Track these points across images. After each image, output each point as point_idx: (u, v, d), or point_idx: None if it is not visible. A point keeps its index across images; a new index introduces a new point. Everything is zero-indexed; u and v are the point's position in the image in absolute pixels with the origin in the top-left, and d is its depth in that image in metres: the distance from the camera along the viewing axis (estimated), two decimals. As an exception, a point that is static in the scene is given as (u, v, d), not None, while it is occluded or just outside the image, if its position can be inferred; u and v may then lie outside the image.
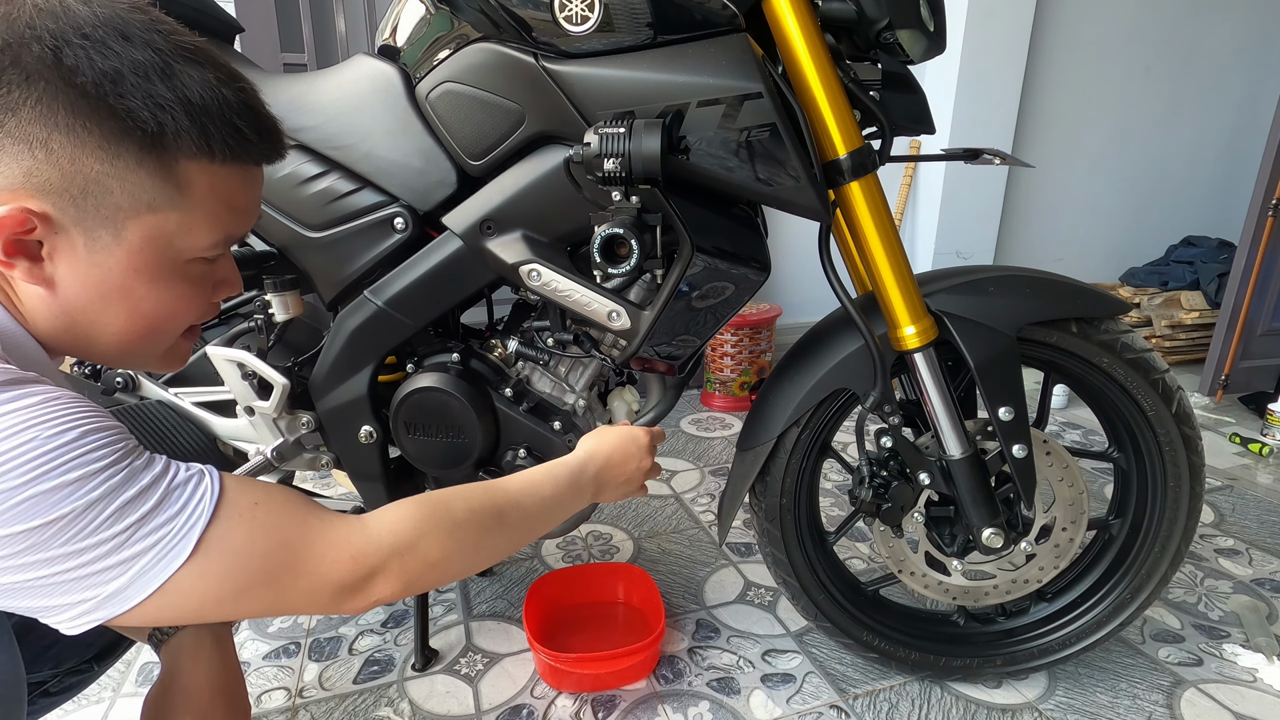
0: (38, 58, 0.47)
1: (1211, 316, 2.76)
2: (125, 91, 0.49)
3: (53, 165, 0.48)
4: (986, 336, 0.98)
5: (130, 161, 0.50)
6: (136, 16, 0.50)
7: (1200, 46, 3.03)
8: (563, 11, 0.84)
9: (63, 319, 0.54)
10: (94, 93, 0.48)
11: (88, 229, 0.51)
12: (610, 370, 1.10)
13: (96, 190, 0.50)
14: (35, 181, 0.48)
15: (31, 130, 0.47)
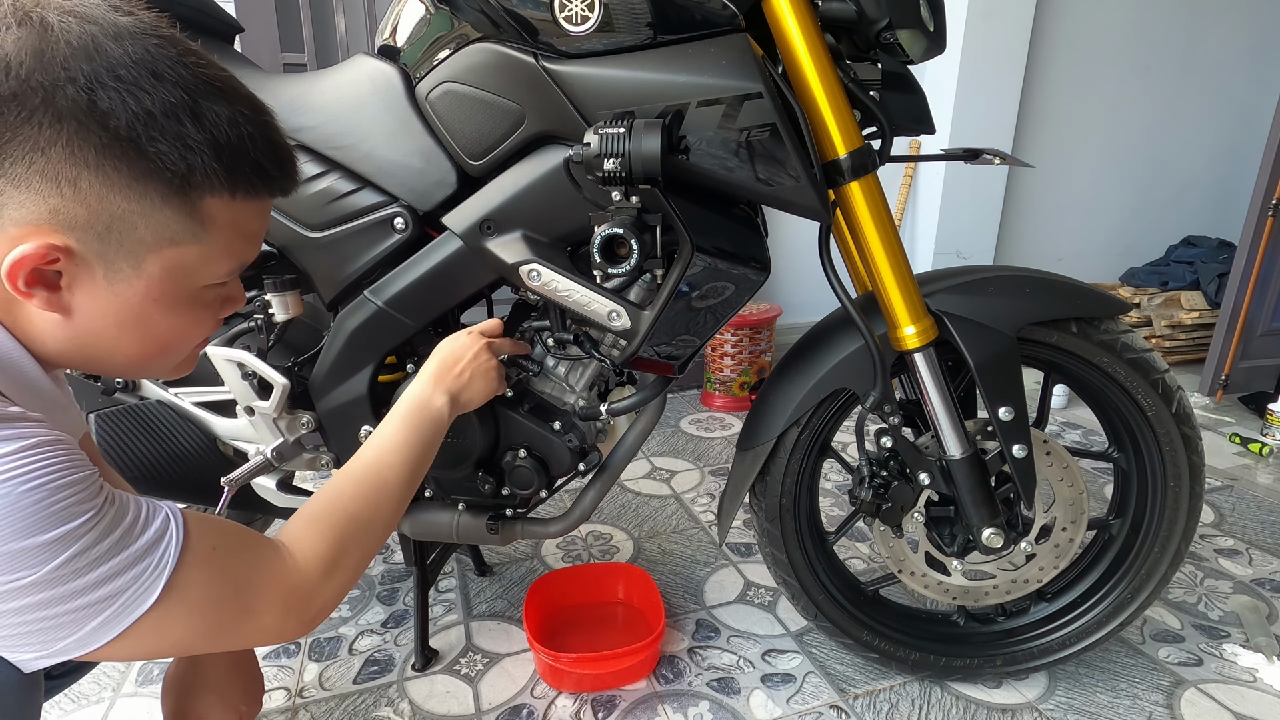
0: (71, 100, 0.47)
1: (1211, 316, 2.76)
2: (156, 134, 0.49)
3: (80, 203, 0.49)
4: (986, 336, 0.98)
5: (156, 200, 0.51)
6: (166, 51, 0.50)
7: (1200, 46, 3.03)
8: (563, 11, 0.84)
9: (75, 342, 0.54)
10: (126, 135, 0.48)
11: (109, 261, 0.51)
12: (610, 370, 1.10)
13: (121, 226, 0.51)
14: (61, 218, 0.49)
15: (61, 169, 0.48)
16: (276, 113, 0.59)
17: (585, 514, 1.14)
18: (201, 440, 1.13)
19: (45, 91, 0.46)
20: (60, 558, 0.46)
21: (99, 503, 0.49)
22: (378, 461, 0.74)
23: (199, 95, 0.51)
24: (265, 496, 1.16)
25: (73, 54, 0.47)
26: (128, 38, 0.49)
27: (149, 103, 0.49)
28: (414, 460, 0.77)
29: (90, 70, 0.47)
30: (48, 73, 0.46)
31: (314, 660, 1.28)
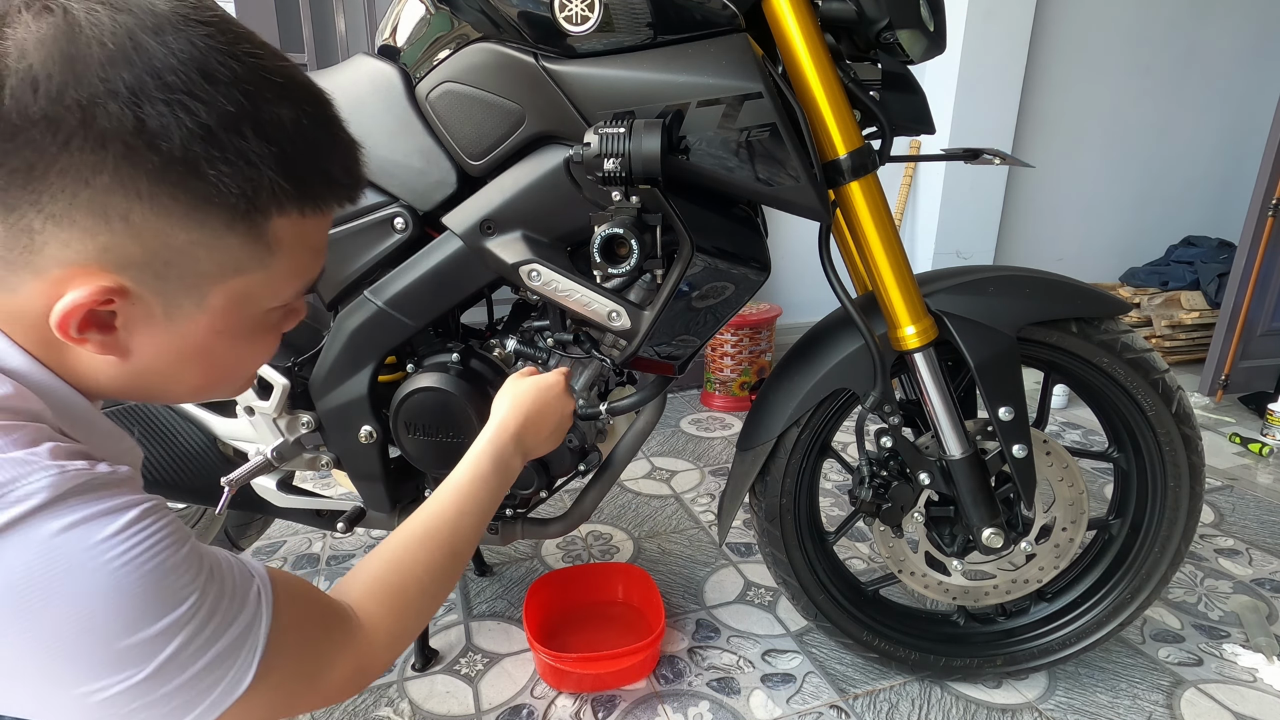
0: (115, 119, 0.39)
1: (1211, 316, 2.76)
2: (215, 153, 0.42)
3: (133, 238, 0.42)
4: (986, 336, 0.98)
5: (219, 228, 0.44)
6: (215, 43, 0.42)
7: (1200, 46, 3.03)
8: (563, 11, 0.84)
9: (132, 379, 0.49)
10: (180, 156, 0.41)
11: (168, 298, 0.45)
12: (610, 370, 1.10)
13: (180, 261, 0.44)
14: (112, 256, 0.42)
15: (108, 201, 0.41)
16: None
17: (585, 514, 1.14)
18: (201, 440, 1.13)
19: (83, 110, 0.39)
20: (167, 650, 0.41)
21: (202, 580, 0.44)
22: (455, 524, 0.68)
23: (259, 97, 0.43)
24: (265, 496, 1.16)
25: (109, 58, 0.39)
26: (170, 29, 0.41)
27: (205, 115, 0.41)
28: (483, 522, 0.71)
29: (133, 79, 0.39)
30: (83, 86, 0.39)
31: (314, 660, 1.28)
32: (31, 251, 0.41)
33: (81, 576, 0.39)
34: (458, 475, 0.72)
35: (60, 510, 0.39)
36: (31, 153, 0.39)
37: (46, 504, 0.38)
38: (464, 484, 0.71)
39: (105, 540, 0.39)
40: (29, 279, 0.42)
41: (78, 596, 0.38)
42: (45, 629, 0.38)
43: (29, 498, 0.38)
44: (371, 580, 0.60)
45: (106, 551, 0.39)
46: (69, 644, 0.38)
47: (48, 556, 0.38)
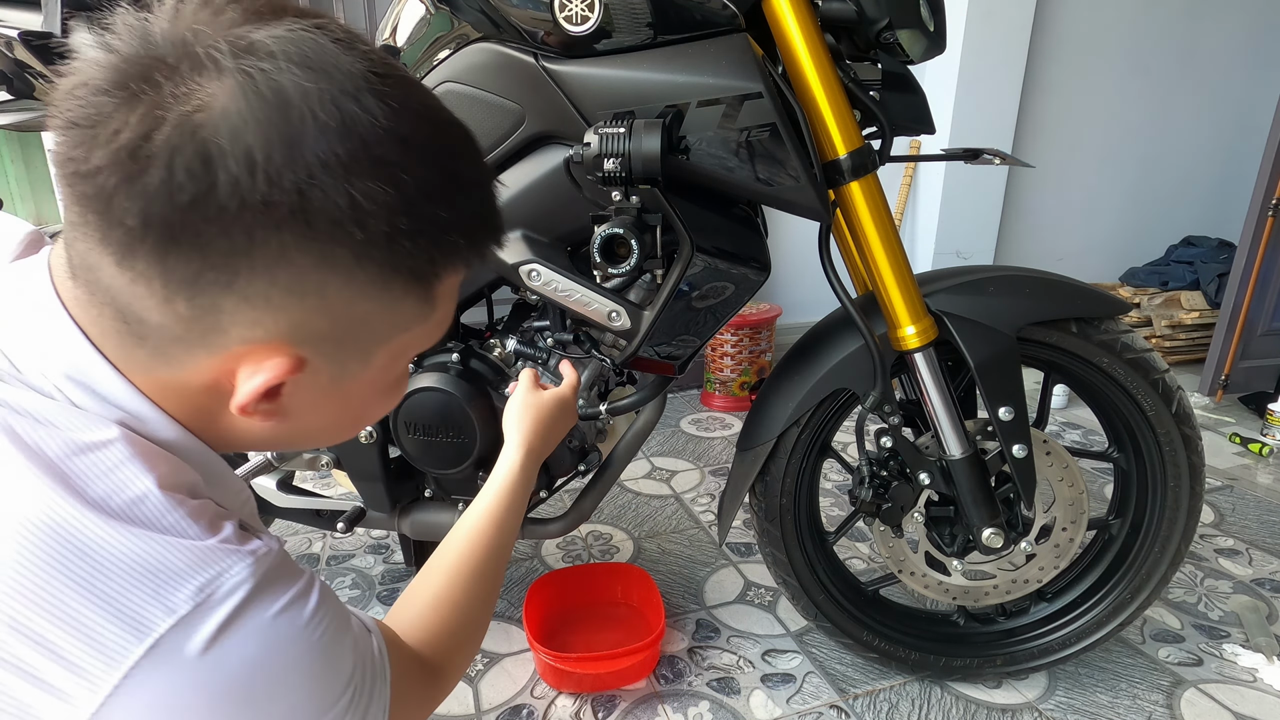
0: (330, 199, 0.37)
1: (1211, 316, 2.76)
2: (415, 225, 0.40)
3: (324, 313, 0.40)
4: (986, 336, 0.98)
5: (399, 293, 0.42)
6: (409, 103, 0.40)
7: (1200, 46, 3.03)
8: (563, 11, 0.84)
9: (278, 438, 0.48)
10: (383, 229, 0.39)
11: (339, 364, 0.44)
12: (610, 370, 1.10)
13: (360, 328, 0.43)
14: (301, 332, 0.40)
15: (307, 278, 0.39)
16: None
17: (585, 514, 1.14)
18: (201, 440, 1.13)
19: (300, 193, 0.36)
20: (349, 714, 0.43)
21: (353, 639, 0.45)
22: (498, 553, 0.69)
23: (447, 158, 0.41)
24: (265, 496, 1.16)
25: (323, 132, 0.36)
26: (368, 92, 0.38)
27: (408, 186, 0.39)
28: (512, 540, 0.72)
29: (346, 155, 0.37)
30: (299, 166, 0.36)
31: (314, 660, 1.28)
32: (215, 331, 0.39)
33: (298, 659, 0.40)
34: (494, 504, 0.72)
35: (266, 598, 0.39)
36: (240, 236, 0.36)
37: (253, 593, 0.39)
38: (500, 512, 0.71)
39: (309, 622, 0.41)
40: (201, 355, 0.40)
41: (297, 678, 0.40)
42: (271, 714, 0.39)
43: (237, 589, 0.38)
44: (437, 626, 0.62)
45: (313, 633, 0.41)
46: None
47: (268, 645, 0.39)
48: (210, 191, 0.35)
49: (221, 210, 0.35)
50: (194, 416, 0.44)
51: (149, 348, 0.40)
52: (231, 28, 0.37)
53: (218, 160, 0.35)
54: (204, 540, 0.38)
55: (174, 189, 0.35)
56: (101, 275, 0.38)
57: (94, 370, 0.40)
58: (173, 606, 0.36)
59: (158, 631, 0.35)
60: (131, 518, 0.37)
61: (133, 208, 0.35)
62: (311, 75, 0.36)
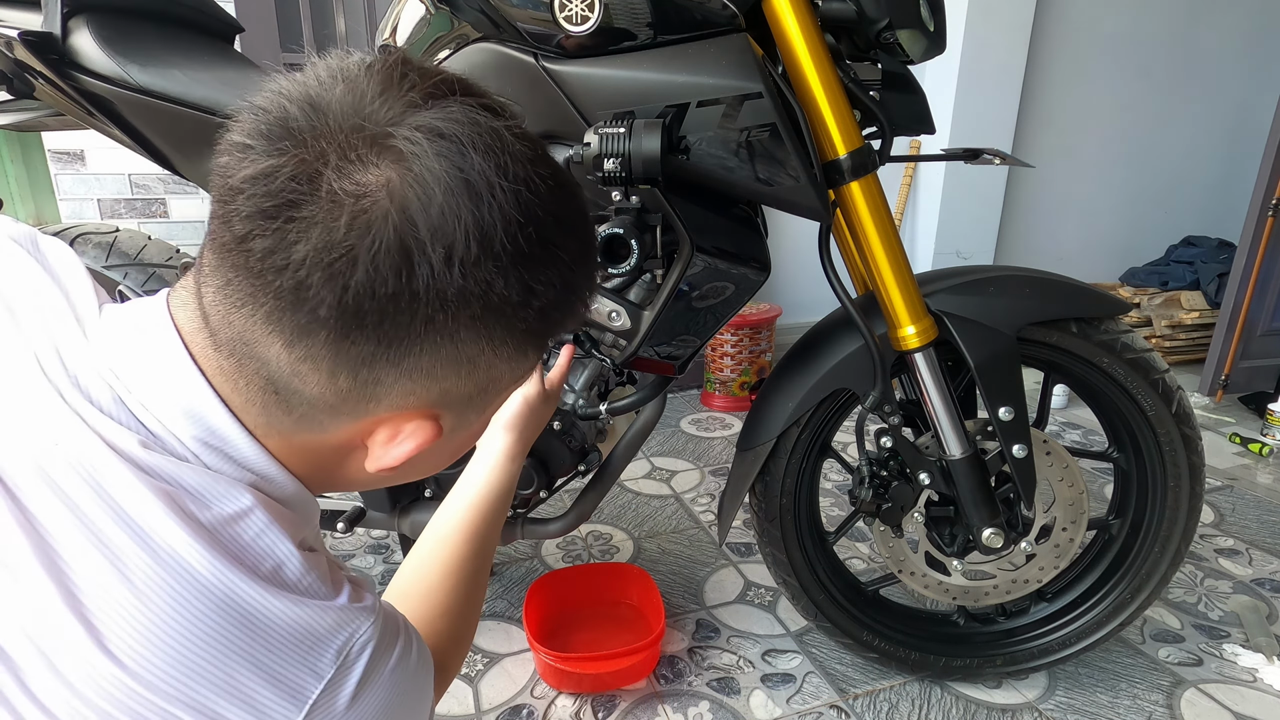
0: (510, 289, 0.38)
1: (1211, 316, 2.76)
2: (563, 298, 0.42)
3: (473, 380, 0.42)
4: (986, 336, 0.98)
5: (530, 353, 0.44)
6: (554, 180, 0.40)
7: (1200, 46, 3.03)
8: (563, 11, 0.84)
9: (384, 479, 0.49)
10: (541, 308, 0.41)
11: (463, 418, 0.45)
12: (610, 370, 1.10)
13: (492, 387, 0.44)
14: (448, 398, 0.42)
15: (465, 353, 0.40)
16: None
17: (585, 514, 1.14)
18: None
19: (487, 284, 0.37)
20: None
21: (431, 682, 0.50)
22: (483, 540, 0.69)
23: (584, 227, 0.44)
24: (265, 496, 1.16)
25: (508, 225, 0.37)
26: (535, 175, 0.38)
27: (565, 267, 0.41)
28: (499, 531, 0.73)
29: (527, 247, 0.38)
30: (489, 260, 0.37)
31: (314, 660, 1.28)
32: (369, 400, 0.40)
33: (413, 698, 0.45)
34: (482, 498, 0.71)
35: (386, 651, 0.43)
36: (421, 321, 0.37)
37: (377, 648, 0.42)
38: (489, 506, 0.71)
39: (416, 667, 0.46)
40: (347, 421, 0.41)
41: (411, 709, 0.45)
42: None
43: (366, 647, 0.41)
44: (437, 629, 0.63)
45: (419, 674, 0.46)
46: None
47: (393, 692, 0.43)
48: (409, 283, 0.36)
49: (414, 298, 0.36)
50: (315, 470, 0.45)
51: (296, 416, 0.41)
52: (411, 108, 0.37)
53: (417, 255, 0.35)
54: (335, 601, 0.41)
55: (377, 284, 0.35)
56: (262, 351, 0.38)
57: (230, 437, 0.41)
58: (320, 672, 0.39)
59: (312, 697, 0.38)
60: (281, 584, 0.39)
61: (329, 299, 0.35)
62: (494, 163, 0.37)
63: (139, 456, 0.38)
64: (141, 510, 0.36)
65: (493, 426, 0.77)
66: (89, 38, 1.02)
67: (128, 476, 0.36)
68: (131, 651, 0.34)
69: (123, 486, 0.36)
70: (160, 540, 0.36)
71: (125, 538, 0.35)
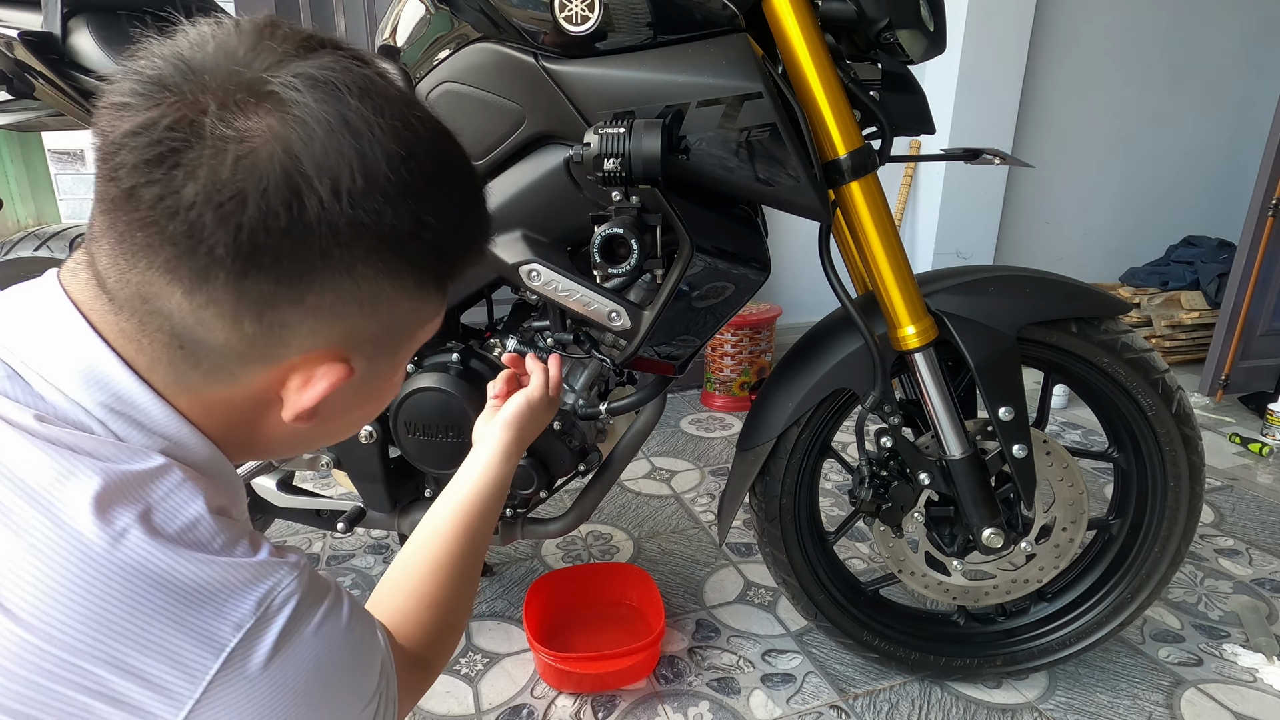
0: (401, 218, 0.40)
1: (1211, 316, 2.76)
2: (455, 232, 0.44)
3: (376, 319, 0.43)
4: (986, 336, 0.98)
5: (430, 292, 0.46)
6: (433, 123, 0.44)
7: (1200, 46, 3.03)
8: (563, 11, 0.84)
9: (300, 439, 0.49)
10: (433, 239, 0.43)
11: (374, 362, 0.46)
12: (610, 370, 1.10)
13: (400, 327, 0.46)
14: (354, 337, 0.43)
15: (366, 287, 0.41)
16: None
17: (585, 514, 1.14)
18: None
19: (377, 213, 0.39)
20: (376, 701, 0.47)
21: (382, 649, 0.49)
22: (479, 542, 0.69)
23: (469, 172, 0.46)
24: (265, 496, 1.16)
25: (390, 159, 0.39)
26: (413, 118, 0.41)
27: (454, 201, 0.43)
28: (491, 530, 0.72)
29: (411, 179, 0.40)
30: (376, 191, 0.39)
31: (314, 660, 1.28)
32: (276, 344, 0.41)
33: (345, 657, 0.44)
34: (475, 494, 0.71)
35: (312, 606, 0.42)
36: (316, 255, 0.39)
37: (301, 602, 0.41)
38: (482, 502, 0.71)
39: (349, 623, 0.44)
40: (257, 369, 0.42)
41: (346, 673, 0.44)
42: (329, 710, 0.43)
43: (289, 600, 0.41)
44: (424, 622, 0.62)
45: (350, 634, 0.44)
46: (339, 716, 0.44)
47: (321, 647, 0.42)
48: (300, 216, 0.37)
49: (307, 231, 0.38)
50: (231, 430, 0.45)
51: (204, 368, 0.41)
52: (285, 58, 0.38)
53: (305, 189, 0.37)
54: (254, 557, 0.41)
55: (269, 219, 0.36)
56: (163, 303, 0.39)
57: (137, 400, 0.41)
58: (239, 622, 0.38)
59: (229, 646, 0.38)
60: (191, 543, 0.39)
61: (223, 236, 0.36)
62: (370, 105, 0.39)
63: (34, 428, 0.38)
64: (35, 474, 0.36)
65: (491, 424, 0.77)
66: (89, 38, 1.03)
67: (23, 445, 0.37)
68: (35, 611, 0.35)
69: (16, 454, 0.37)
70: (56, 501, 0.36)
71: (18, 499, 0.36)
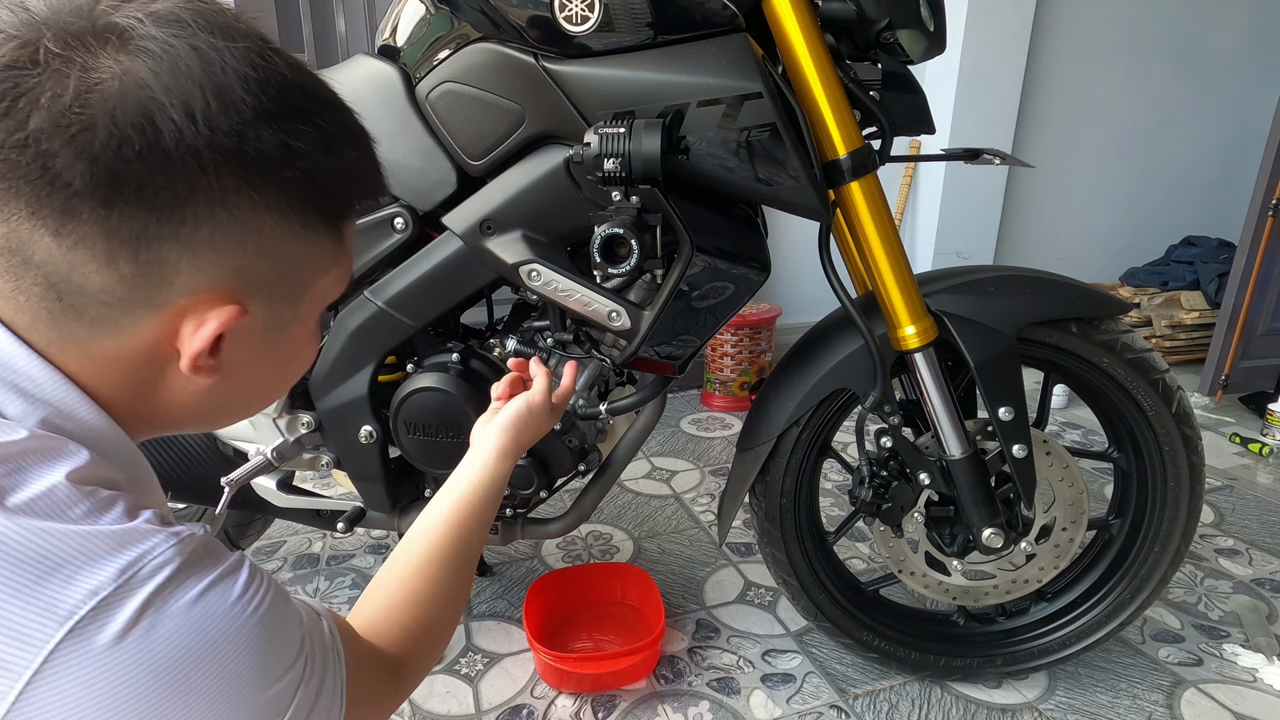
0: (265, 142, 0.40)
1: (1211, 316, 2.76)
2: (330, 165, 0.44)
3: (262, 256, 0.43)
4: (986, 336, 0.98)
5: (320, 234, 0.46)
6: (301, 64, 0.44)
7: (1200, 46, 3.03)
8: (563, 11, 0.84)
9: (211, 403, 0.48)
10: (306, 169, 0.42)
11: (273, 311, 0.46)
12: (610, 370, 1.10)
13: (291, 270, 0.45)
14: (243, 277, 0.42)
15: (245, 221, 0.41)
16: None
17: (585, 514, 1.14)
18: (201, 440, 1.13)
19: (238, 136, 0.39)
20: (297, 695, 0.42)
21: (304, 621, 0.45)
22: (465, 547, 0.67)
23: (344, 111, 0.46)
24: (265, 496, 1.16)
25: (246, 84, 0.39)
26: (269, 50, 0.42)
27: (324, 132, 0.43)
28: (483, 537, 0.71)
29: (270, 103, 0.40)
30: (232, 114, 0.39)
31: (314, 660, 1.28)
32: (158, 286, 0.40)
33: (228, 637, 0.39)
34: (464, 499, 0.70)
35: (192, 577, 0.39)
36: (183, 183, 0.38)
37: (178, 572, 0.38)
38: (471, 507, 0.70)
39: (239, 599, 0.40)
40: (144, 316, 0.41)
41: (227, 657, 0.39)
42: (203, 695, 0.38)
43: (162, 569, 0.38)
44: (400, 621, 0.60)
45: (244, 610, 0.40)
46: (225, 704, 0.39)
47: (197, 621, 0.38)
48: (156, 141, 0.37)
49: (166, 158, 0.37)
50: (132, 395, 0.44)
51: (88, 319, 0.40)
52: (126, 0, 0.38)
53: (157, 113, 0.36)
54: (120, 525, 0.38)
55: (122, 141, 0.36)
56: (33, 252, 0.38)
57: (16, 363, 0.39)
58: (94, 589, 0.35)
59: (78, 615, 0.34)
60: (39, 512, 0.36)
61: (78, 166, 0.36)
62: (221, 37, 0.39)
63: None
64: None
65: (489, 425, 0.77)
66: None
67: None
68: None
69: None
70: None
71: None
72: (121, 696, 0.35)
